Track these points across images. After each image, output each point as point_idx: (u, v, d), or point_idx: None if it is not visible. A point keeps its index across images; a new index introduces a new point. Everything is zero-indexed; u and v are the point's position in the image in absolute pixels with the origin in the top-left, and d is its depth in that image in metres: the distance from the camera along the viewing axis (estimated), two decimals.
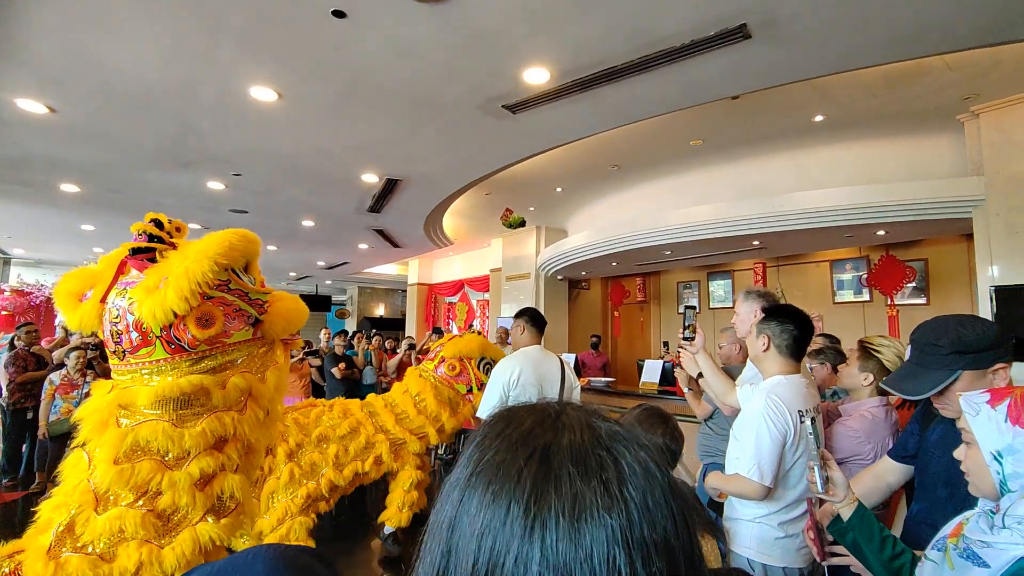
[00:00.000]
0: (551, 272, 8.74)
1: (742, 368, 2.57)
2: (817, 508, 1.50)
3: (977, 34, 3.04)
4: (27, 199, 6.75)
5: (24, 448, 5.28)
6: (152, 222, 1.45)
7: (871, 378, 2.10)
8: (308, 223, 8.12)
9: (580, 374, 6.87)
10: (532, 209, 8.10)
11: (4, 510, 4.55)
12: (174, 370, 1.40)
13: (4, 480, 5.13)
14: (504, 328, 6.34)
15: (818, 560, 1.46)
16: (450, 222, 8.62)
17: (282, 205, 7.09)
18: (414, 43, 3.23)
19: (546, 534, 0.38)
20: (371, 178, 5.87)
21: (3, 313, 8.49)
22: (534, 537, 0.38)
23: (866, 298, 7.19)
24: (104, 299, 1.43)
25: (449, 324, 12.89)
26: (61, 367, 4.97)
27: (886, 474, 1.69)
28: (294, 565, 0.62)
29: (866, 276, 7.10)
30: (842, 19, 2.91)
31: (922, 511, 1.46)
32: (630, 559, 0.38)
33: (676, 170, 6.61)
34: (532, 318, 3.06)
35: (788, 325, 1.87)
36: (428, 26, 3.05)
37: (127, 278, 1.44)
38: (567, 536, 0.38)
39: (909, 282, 6.68)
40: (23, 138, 4.69)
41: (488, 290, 11.03)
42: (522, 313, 3.10)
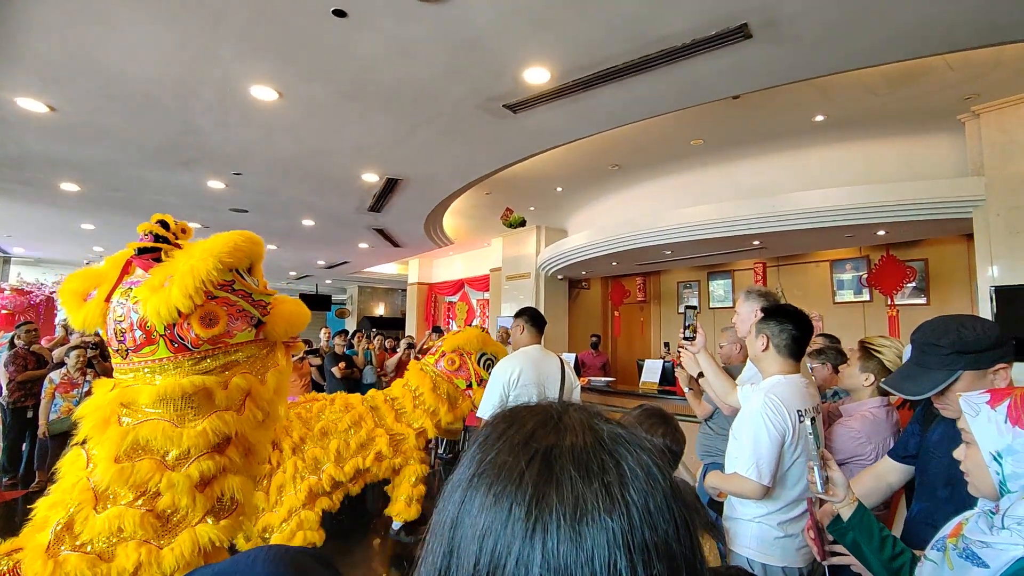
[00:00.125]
0: (551, 272, 8.74)
1: (743, 368, 2.57)
2: (817, 508, 1.50)
3: (978, 34, 3.04)
4: (27, 198, 6.74)
5: (24, 447, 5.28)
6: (159, 223, 1.46)
7: (872, 378, 2.10)
8: (308, 222, 8.12)
9: (580, 374, 6.87)
10: (532, 209, 8.10)
11: (4, 509, 4.55)
12: (177, 369, 1.40)
13: (4, 479, 5.12)
14: (505, 328, 6.34)
15: (819, 560, 1.46)
16: (450, 221, 8.62)
17: (282, 204, 7.09)
18: (415, 42, 3.23)
19: (547, 536, 0.38)
20: (371, 177, 5.87)
21: (3, 312, 8.49)
22: (535, 539, 0.38)
23: (866, 298, 7.19)
24: (108, 298, 1.44)
25: (449, 323, 12.89)
26: (61, 366, 4.97)
27: (887, 474, 1.69)
28: (294, 567, 0.62)
29: (866, 276, 7.10)
30: (843, 19, 2.91)
31: (923, 511, 1.46)
32: (631, 562, 0.38)
33: (676, 170, 6.61)
34: (532, 318, 3.06)
35: (787, 325, 1.87)
36: (429, 25, 3.04)
37: (132, 278, 1.45)
38: (568, 539, 0.38)
39: (909, 282, 6.68)
40: (23, 137, 4.69)
41: (488, 289, 11.03)
42: (522, 313, 3.10)
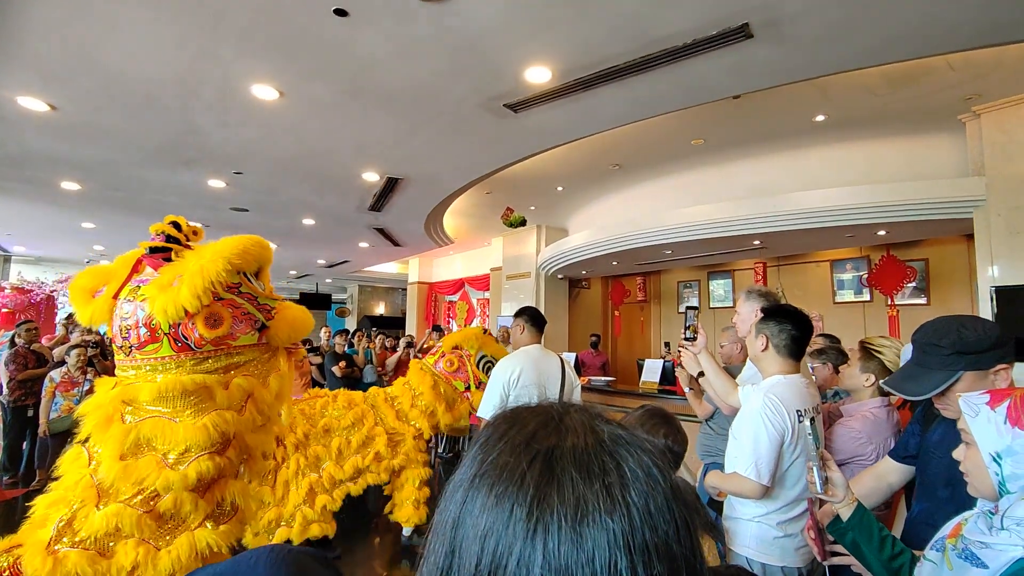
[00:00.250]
0: (551, 271, 8.73)
1: (743, 368, 2.57)
2: (817, 508, 1.50)
3: (979, 34, 3.04)
4: (28, 197, 6.74)
5: (24, 445, 5.28)
6: (171, 224, 1.49)
7: (872, 379, 2.10)
8: (309, 221, 8.11)
9: (580, 373, 6.87)
10: (533, 208, 8.10)
11: (4, 507, 4.55)
12: (178, 368, 1.41)
13: (4, 477, 5.13)
14: (506, 327, 6.34)
15: (819, 560, 1.46)
16: (451, 221, 8.62)
17: (283, 203, 7.09)
18: (416, 41, 3.23)
19: (548, 537, 0.39)
20: (372, 177, 5.87)
21: (3, 311, 8.49)
22: (536, 540, 0.39)
23: (866, 298, 7.19)
24: (116, 295, 1.46)
25: (449, 322, 12.89)
26: (61, 365, 4.98)
27: (887, 474, 1.69)
28: (296, 567, 0.62)
29: (866, 276, 7.10)
30: (844, 19, 2.91)
31: (923, 511, 1.46)
32: (631, 563, 0.38)
33: (677, 170, 6.61)
34: (532, 317, 3.06)
35: (786, 325, 1.87)
36: (429, 24, 3.04)
37: (141, 276, 1.47)
38: (569, 539, 0.38)
39: (909, 282, 6.68)
40: (24, 136, 4.69)
41: (488, 289, 11.03)
42: (522, 312, 3.10)
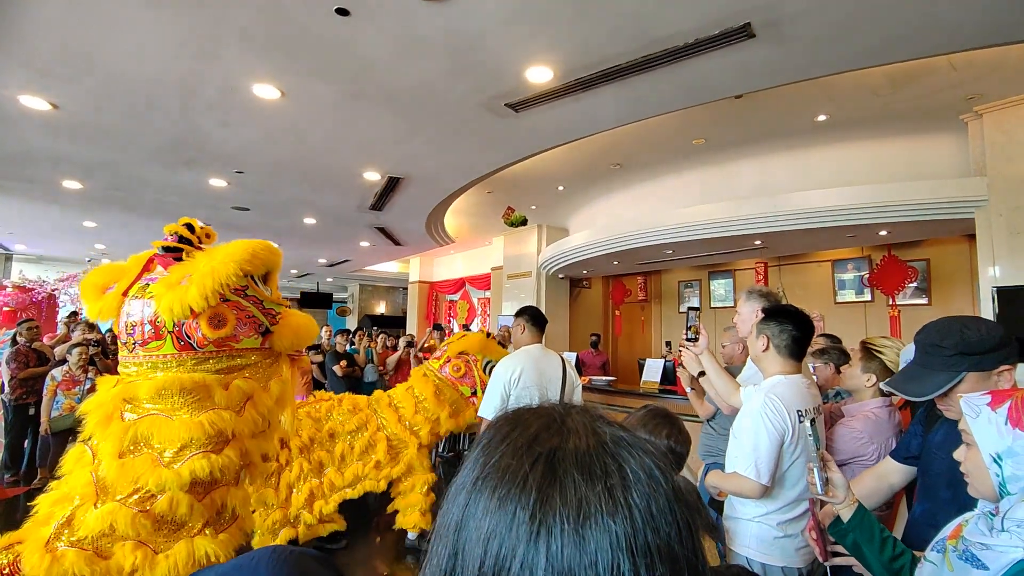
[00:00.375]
0: (552, 271, 8.73)
1: (743, 368, 2.57)
2: (819, 508, 1.50)
3: (981, 34, 3.03)
4: (29, 195, 6.75)
5: (26, 444, 5.29)
6: (185, 225, 1.52)
7: (874, 379, 2.10)
8: (310, 221, 8.12)
9: (581, 373, 6.87)
10: (534, 207, 8.10)
11: (5, 506, 4.56)
12: (179, 366, 1.42)
13: (6, 476, 5.14)
14: (507, 327, 6.34)
15: (820, 560, 1.46)
16: (452, 220, 8.62)
17: (284, 203, 7.09)
18: (417, 41, 3.23)
19: (551, 540, 0.39)
20: (373, 176, 5.87)
21: (5, 309, 8.50)
22: (539, 542, 0.39)
23: (867, 298, 7.19)
24: (126, 292, 1.48)
25: (450, 322, 12.89)
26: (63, 363, 4.98)
27: (888, 475, 1.69)
28: (297, 569, 0.62)
29: (868, 276, 7.09)
30: (846, 19, 2.91)
31: (925, 512, 1.46)
32: (634, 565, 0.38)
33: (678, 169, 6.60)
34: (532, 317, 3.05)
35: (787, 325, 1.87)
36: (431, 24, 3.04)
37: (151, 275, 1.49)
38: (572, 542, 0.38)
39: (911, 282, 6.67)
40: (26, 134, 4.69)
41: (489, 288, 11.03)
42: (522, 312, 3.09)
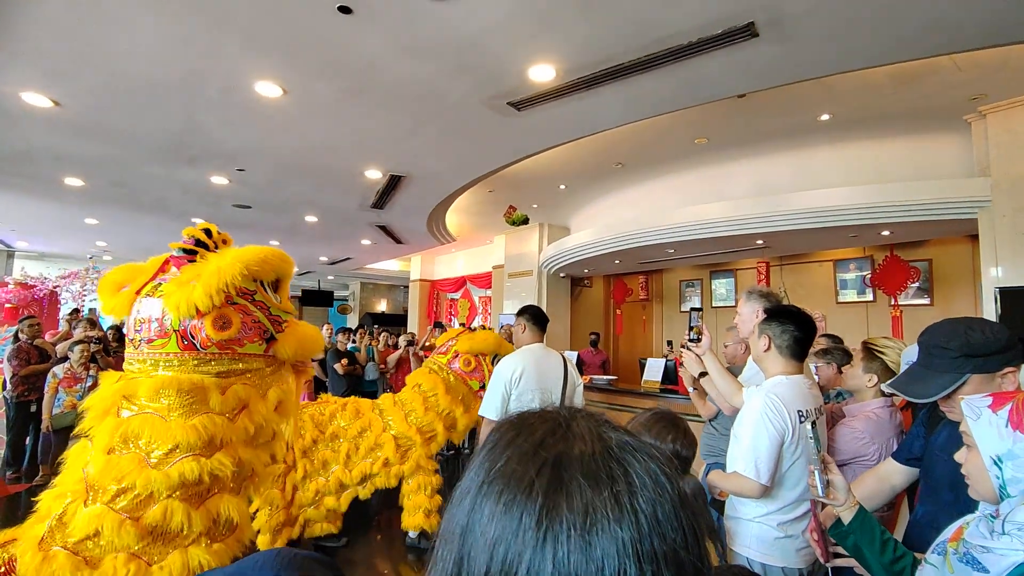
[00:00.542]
0: (554, 269, 8.73)
1: (744, 368, 2.57)
2: (820, 510, 1.50)
3: (986, 34, 3.02)
4: (31, 192, 6.76)
5: (28, 441, 5.31)
6: (203, 231, 1.55)
7: (875, 379, 2.10)
8: (311, 218, 8.12)
9: (582, 372, 6.87)
10: (535, 206, 8.09)
11: (7, 503, 4.57)
12: (180, 365, 1.42)
13: (8, 473, 5.15)
14: (509, 326, 6.34)
15: (822, 561, 1.46)
16: (453, 219, 8.62)
17: (285, 200, 7.09)
18: (420, 39, 3.22)
19: (558, 546, 0.39)
20: (375, 174, 5.87)
21: (7, 306, 8.52)
22: (546, 548, 0.39)
23: (869, 298, 7.17)
24: (139, 291, 1.51)
25: (451, 320, 12.90)
26: (64, 360, 4.99)
27: (890, 476, 1.69)
28: (301, 572, 0.62)
29: (870, 276, 7.08)
30: (850, 18, 2.90)
31: (927, 514, 1.46)
32: (640, 571, 0.38)
33: (680, 169, 6.60)
34: (534, 316, 3.04)
35: (789, 326, 1.87)
36: (434, 22, 3.04)
37: (165, 276, 1.51)
38: (578, 548, 0.38)
39: (913, 282, 6.66)
40: (28, 132, 4.70)
41: (490, 287, 11.03)
42: (524, 311, 3.09)
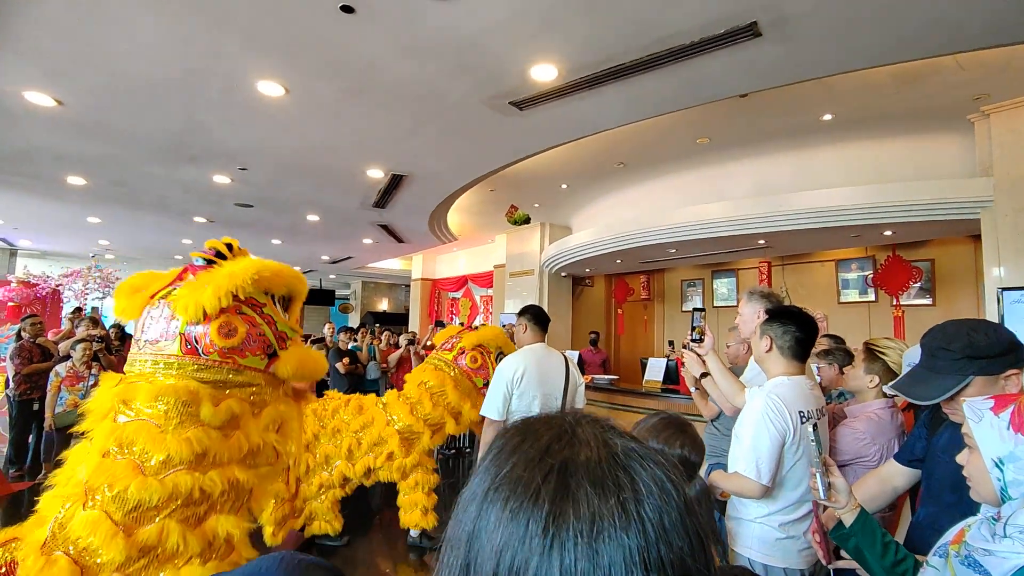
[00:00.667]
0: (555, 269, 8.73)
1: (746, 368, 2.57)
2: (822, 511, 1.50)
3: (988, 34, 3.01)
4: (34, 191, 6.77)
5: (30, 439, 5.32)
6: (226, 245, 1.57)
7: (876, 380, 2.09)
8: (313, 217, 8.12)
9: (583, 371, 6.87)
10: (537, 206, 8.09)
11: (10, 501, 4.59)
12: (180, 370, 1.42)
13: (10, 471, 5.16)
14: (510, 325, 6.33)
15: (824, 563, 1.46)
16: (455, 218, 8.61)
17: (287, 199, 7.10)
18: (422, 38, 3.22)
19: (564, 553, 0.39)
20: (376, 173, 5.87)
21: (9, 304, 8.54)
22: (552, 555, 0.39)
23: (871, 298, 7.16)
24: (154, 296, 1.53)
25: (452, 319, 12.91)
26: (67, 359, 5.00)
27: (892, 478, 1.69)
28: None
29: (872, 276, 7.07)
30: (852, 18, 2.89)
31: (929, 516, 1.46)
32: None
33: (682, 168, 6.59)
34: (535, 316, 3.04)
35: (790, 327, 1.87)
36: (436, 21, 3.03)
37: (181, 283, 1.53)
38: (585, 556, 0.38)
39: (915, 283, 6.64)
40: (30, 130, 4.71)
41: (492, 286, 11.03)
42: (525, 311, 3.08)
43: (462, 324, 11.97)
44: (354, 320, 16.31)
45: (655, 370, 5.62)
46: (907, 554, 1.22)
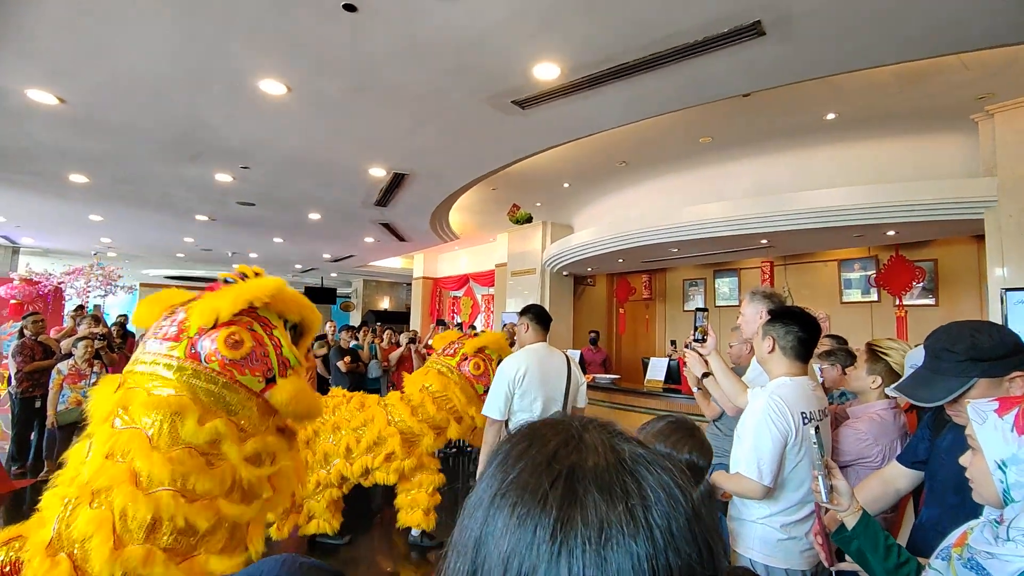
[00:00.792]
0: (557, 268, 8.73)
1: (748, 369, 2.56)
2: (824, 513, 1.49)
3: (992, 34, 3.00)
4: (36, 189, 6.78)
5: (32, 437, 5.33)
6: (256, 274, 1.61)
7: (879, 380, 2.09)
8: (315, 216, 8.13)
9: (584, 371, 6.86)
10: (539, 205, 8.09)
11: (12, 498, 4.60)
12: (178, 372, 1.42)
13: (13, 468, 5.18)
14: (512, 324, 6.34)
15: (826, 565, 1.45)
16: (456, 217, 8.61)
17: (289, 198, 7.10)
18: (424, 37, 3.21)
19: (572, 560, 0.38)
20: (378, 172, 5.86)
21: (11, 302, 8.55)
22: (560, 562, 0.39)
23: (874, 298, 7.14)
24: (171, 306, 1.55)
25: (453, 318, 12.91)
26: (69, 357, 5.01)
27: (895, 480, 1.68)
28: None
29: (874, 276, 7.05)
30: (857, 17, 2.88)
31: (932, 518, 1.45)
32: None
33: (684, 167, 6.58)
34: (537, 316, 3.03)
35: (793, 327, 1.87)
36: (438, 20, 3.03)
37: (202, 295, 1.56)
38: (593, 563, 0.38)
39: (918, 283, 6.63)
40: (33, 128, 4.71)
41: (493, 285, 11.03)
42: (527, 311, 3.07)
43: (463, 323, 11.99)
44: (355, 318, 16.31)
45: (657, 370, 5.61)
46: (909, 557, 1.21)
